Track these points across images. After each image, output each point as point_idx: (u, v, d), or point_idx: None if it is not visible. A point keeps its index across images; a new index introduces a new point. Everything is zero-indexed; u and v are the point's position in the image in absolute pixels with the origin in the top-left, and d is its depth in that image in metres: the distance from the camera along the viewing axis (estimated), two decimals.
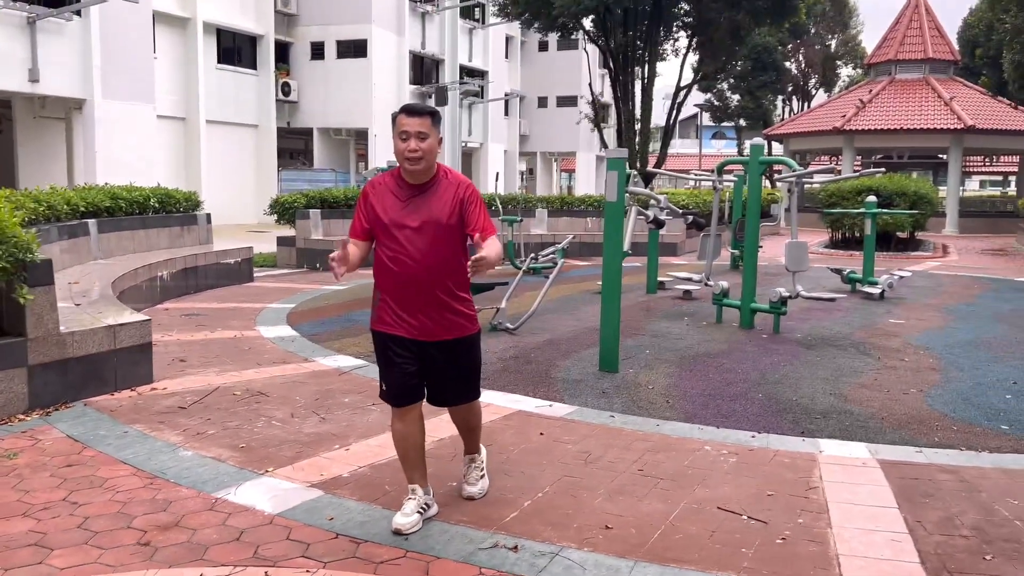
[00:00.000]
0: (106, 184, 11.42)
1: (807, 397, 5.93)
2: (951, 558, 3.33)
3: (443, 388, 3.63)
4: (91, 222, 9.59)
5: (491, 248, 3.35)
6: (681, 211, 11.86)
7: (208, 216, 12.48)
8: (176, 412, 5.20)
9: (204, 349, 7.19)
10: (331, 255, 3.34)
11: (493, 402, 5.61)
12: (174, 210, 11.79)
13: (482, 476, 3.89)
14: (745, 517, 3.70)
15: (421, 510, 3.55)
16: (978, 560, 3.31)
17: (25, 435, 4.70)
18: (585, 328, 8.54)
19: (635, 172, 9.15)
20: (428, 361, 3.52)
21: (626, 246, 7.13)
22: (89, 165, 18.78)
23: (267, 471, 4.18)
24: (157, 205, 11.34)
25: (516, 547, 3.35)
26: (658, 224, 9.85)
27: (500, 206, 15.85)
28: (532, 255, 10.79)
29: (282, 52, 29.42)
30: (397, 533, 3.42)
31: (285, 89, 28.79)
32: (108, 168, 18.06)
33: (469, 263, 3.24)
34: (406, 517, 3.48)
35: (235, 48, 27.28)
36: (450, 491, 3.92)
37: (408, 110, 3.43)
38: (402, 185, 3.49)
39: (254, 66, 27.76)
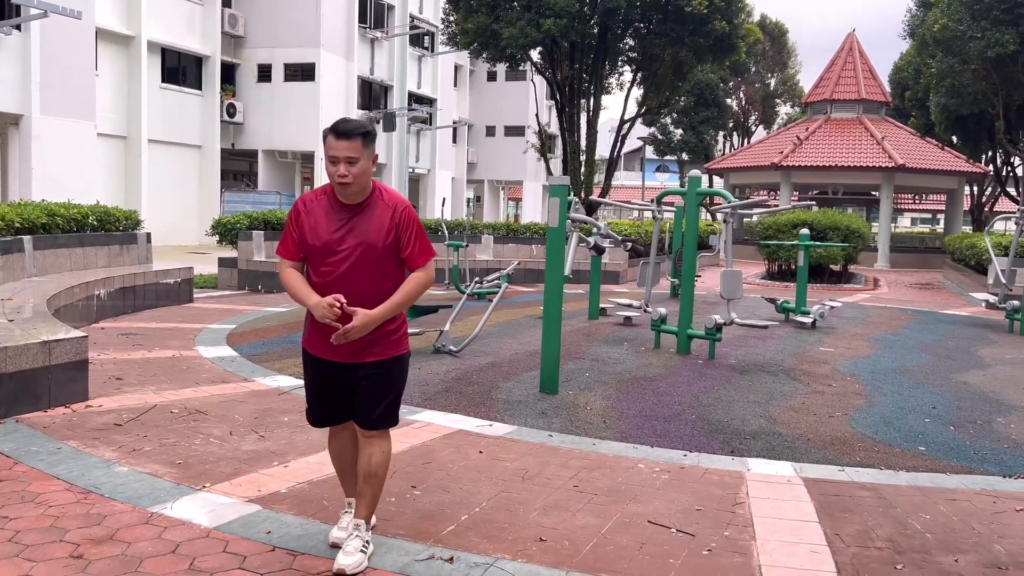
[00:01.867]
0: (43, 200, 11.22)
1: (738, 419, 6.14)
2: (866, 568, 3.50)
3: (358, 405, 3.41)
4: (26, 238, 9.41)
5: (394, 297, 3.26)
6: (621, 238, 12.12)
7: (148, 235, 12.32)
8: (112, 429, 5.15)
9: (141, 368, 7.11)
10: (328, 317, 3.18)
11: (434, 421, 5.69)
12: (113, 229, 11.62)
13: (362, 551, 3.34)
14: (674, 530, 3.84)
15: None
16: (890, 570, 3.50)
17: None
18: (527, 351, 8.67)
19: (577, 200, 9.36)
20: (350, 381, 3.38)
21: (567, 271, 7.30)
22: (24, 182, 18.37)
23: (204, 487, 4.18)
24: (96, 223, 11.17)
25: (452, 559, 3.43)
26: (599, 250, 10.08)
27: (446, 231, 15.95)
28: (477, 279, 10.90)
29: (228, 73, 29.22)
30: (334, 546, 3.45)
31: (230, 110, 28.56)
32: (44, 185, 17.70)
33: (334, 335, 3.16)
34: (342, 530, 3.52)
35: (180, 68, 27.03)
36: (387, 505, 3.97)
37: (337, 131, 3.22)
38: (335, 205, 3.32)
39: (199, 86, 27.52)
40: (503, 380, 7.25)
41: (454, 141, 41.63)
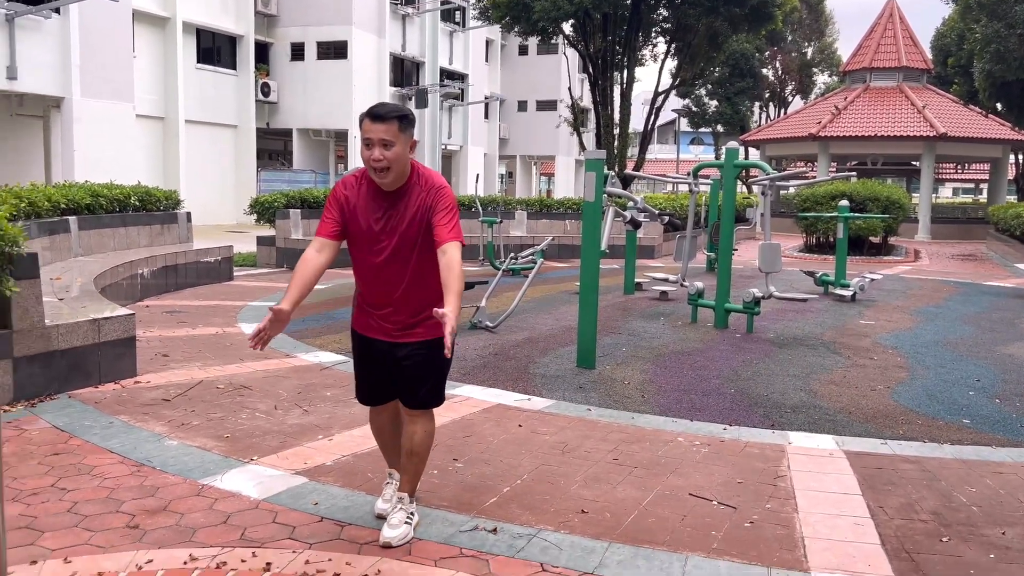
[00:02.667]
0: (86, 182, 11.42)
1: (778, 392, 6.11)
2: (910, 540, 3.49)
3: (404, 385, 3.42)
4: (72, 219, 9.60)
5: (453, 298, 3.00)
6: (658, 212, 12.05)
7: (188, 215, 12.50)
8: (160, 404, 5.28)
9: (187, 345, 7.25)
10: (255, 331, 3.00)
11: (472, 396, 5.74)
12: (154, 208, 11.81)
13: (407, 522, 3.38)
14: (715, 503, 3.85)
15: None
16: (935, 542, 3.48)
17: (11, 425, 4.76)
18: (563, 327, 8.68)
19: (613, 173, 9.30)
20: (397, 361, 3.37)
21: (604, 245, 7.29)
22: (67, 164, 18.69)
23: (252, 459, 4.28)
24: (138, 203, 11.35)
25: (495, 529, 3.48)
26: (635, 224, 10.03)
27: (480, 207, 15.96)
28: (512, 255, 10.92)
29: (262, 53, 29.37)
30: (379, 518, 3.52)
31: (265, 90, 28.74)
32: (86, 167, 17.99)
33: (446, 331, 2.86)
34: (386, 502, 3.57)
35: (215, 48, 27.22)
36: (430, 477, 4.04)
37: (373, 114, 3.13)
38: (376, 193, 3.26)
39: (234, 66, 27.70)
40: (540, 355, 7.29)
41: (486, 117, 41.48)
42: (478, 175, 19.79)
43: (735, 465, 4.40)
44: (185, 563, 3.10)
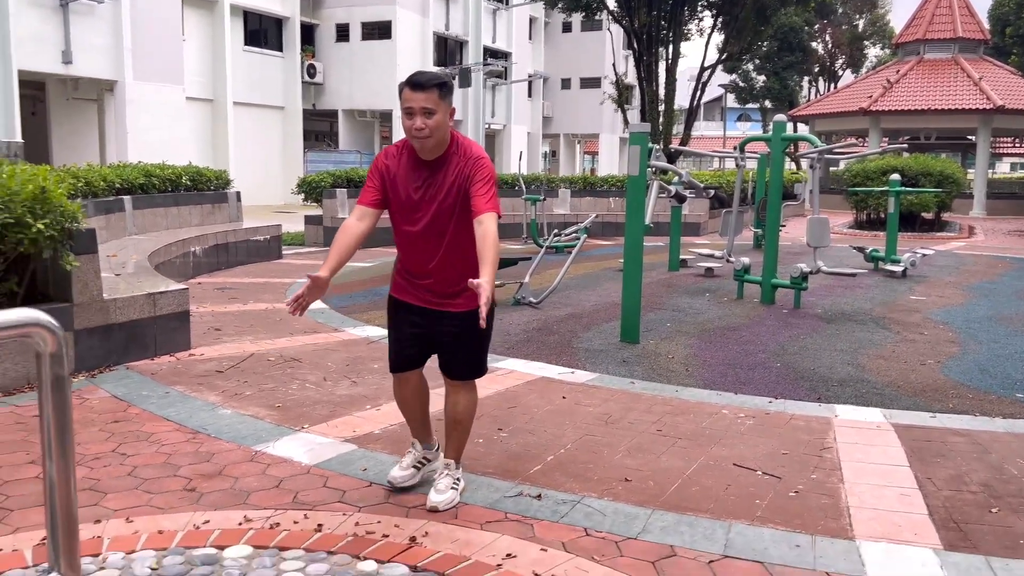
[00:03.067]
0: (139, 162, 11.69)
1: (825, 367, 6.06)
2: (958, 511, 3.46)
3: (445, 358, 3.48)
4: (126, 198, 9.86)
5: (488, 267, 3.02)
6: (703, 186, 11.93)
7: (238, 194, 12.73)
8: (214, 375, 5.43)
9: (238, 320, 7.43)
10: (294, 297, 3.05)
11: (517, 369, 5.79)
12: (205, 188, 12.05)
13: (453, 488, 3.46)
14: (760, 473, 3.86)
15: (418, 465, 3.61)
16: (984, 512, 3.45)
17: (73, 394, 4.92)
18: (607, 303, 8.69)
19: (658, 146, 9.24)
20: (435, 330, 3.41)
21: (648, 219, 7.25)
22: (120, 145, 19.14)
23: (303, 428, 4.39)
24: (189, 183, 11.59)
25: (540, 496, 3.53)
26: (680, 199, 9.96)
27: (523, 185, 15.96)
28: (555, 232, 10.92)
29: (307, 34, 29.62)
30: (391, 483, 3.54)
31: (311, 71, 29.00)
32: (139, 148, 18.40)
33: (481, 300, 2.88)
34: (402, 470, 3.58)
35: (261, 30, 27.52)
36: (476, 446, 4.10)
37: (413, 83, 3.15)
38: (416, 162, 3.30)
39: (280, 48, 27.99)
40: (583, 330, 7.31)
41: (529, 95, 41.34)
42: (521, 152, 19.77)
43: (780, 437, 4.38)
44: (240, 524, 3.21)
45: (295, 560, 2.88)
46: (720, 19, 25.16)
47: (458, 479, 3.52)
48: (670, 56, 24.01)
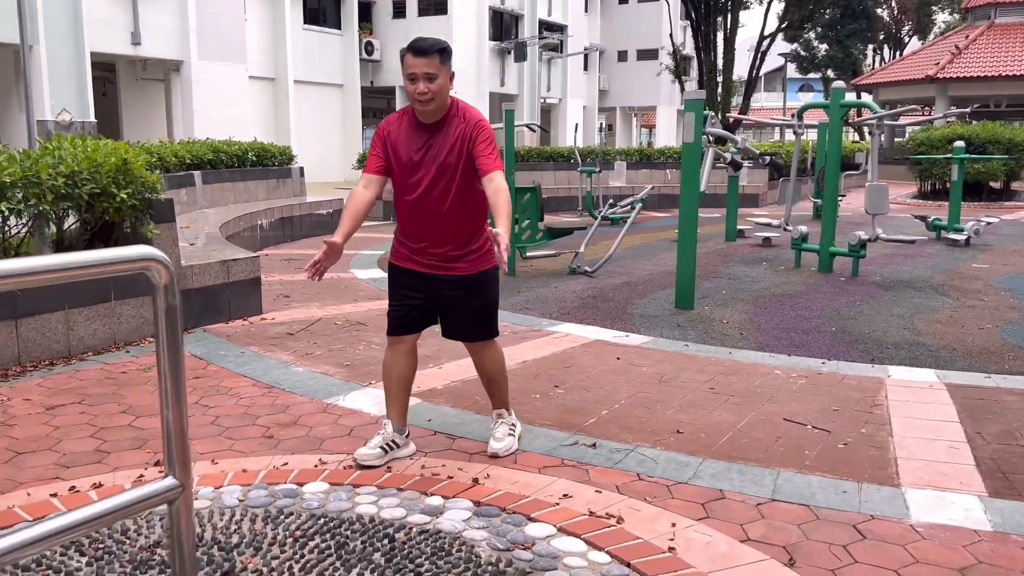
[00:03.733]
0: (207, 139, 12.11)
1: (880, 331, 6.09)
2: (1006, 462, 3.53)
3: (455, 323, 3.55)
4: (196, 173, 10.26)
5: (503, 219, 3.15)
6: (759, 153, 11.87)
7: (301, 170, 13.10)
8: (285, 337, 5.72)
9: (304, 288, 7.74)
10: (311, 263, 3.26)
11: (572, 332, 5.96)
12: (270, 164, 12.43)
13: (510, 434, 3.63)
14: (809, 427, 3.97)
15: (386, 447, 3.49)
16: None
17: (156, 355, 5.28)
18: (662, 272, 8.78)
19: (713, 113, 9.24)
20: (438, 296, 3.47)
21: (703, 186, 7.32)
22: (187, 123, 19.72)
23: (370, 383, 4.64)
24: (254, 159, 11.98)
25: (594, 445, 3.71)
26: (736, 166, 9.96)
27: (579, 157, 16.02)
28: (610, 202, 11.01)
29: (365, 11, 29.90)
30: (355, 460, 3.44)
31: (368, 48, 29.32)
32: (205, 127, 18.92)
33: (501, 248, 3.01)
34: (368, 449, 3.48)
35: (320, 8, 27.88)
36: (533, 401, 4.29)
37: (414, 49, 3.27)
38: (417, 126, 3.39)
39: (338, 26, 28.34)
40: (638, 297, 7.43)
41: (585, 69, 41.05)
42: (576, 124, 19.75)
43: (831, 395, 4.48)
44: (316, 465, 3.46)
45: (368, 495, 3.12)
46: None
47: (513, 424, 3.70)
48: (728, 25, 23.66)
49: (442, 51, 3.29)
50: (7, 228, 5.08)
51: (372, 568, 2.51)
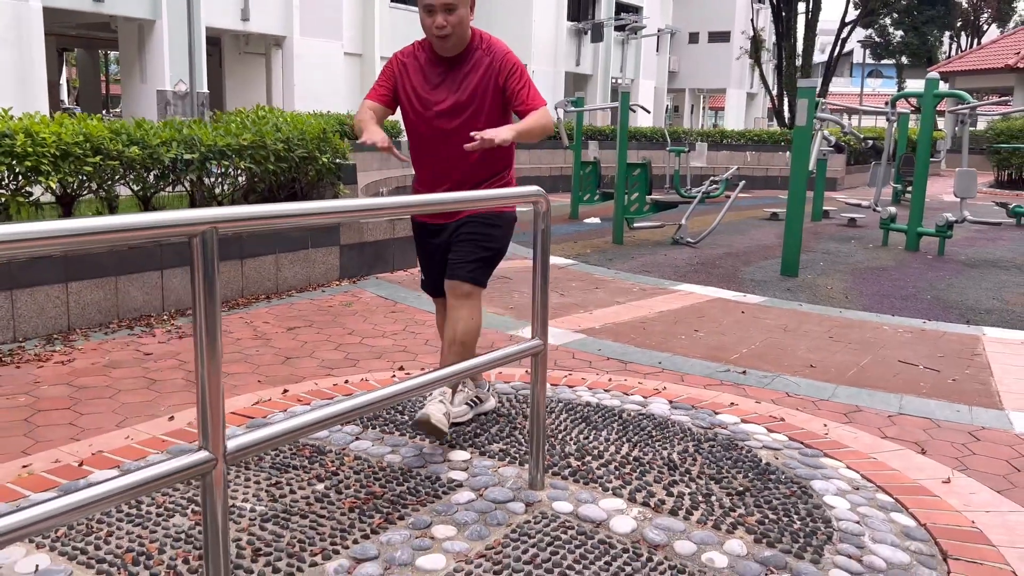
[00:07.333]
0: (322, 111, 13.12)
1: (972, 299, 6.79)
2: None
3: (453, 255, 3.21)
4: None
5: (521, 124, 3.00)
6: (862, 137, 12.48)
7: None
8: None
9: None
10: (388, 145, 2.97)
11: (693, 291, 6.78)
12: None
13: (468, 404, 3.42)
14: (921, 367, 4.75)
15: (471, 403, 3.47)
16: None
17: (348, 294, 6.27)
18: (758, 245, 9.53)
19: (823, 101, 9.92)
20: (452, 240, 3.23)
21: (811, 167, 8.04)
22: (288, 96, 20.88)
23: None
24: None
25: (744, 372, 4.55)
26: (839, 149, 10.66)
27: (668, 138, 16.72)
28: (712, 179, 11.65)
29: None
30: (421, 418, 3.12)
31: None
32: (304, 99, 20.06)
33: (477, 138, 2.85)
34: (455, 406, 3.36)
35: None
36: (680, 340, 5.14)
37: None
38: (433, 59, 3.12)
39: None
40: (744, 265, 8.21)
41: (657, 50, 41.37)
42: (641, 107, 20.29)
43: (936, 346, 5.24)
44: (520, 378, 4.37)
45: (584, 392, 4.01)
46: None
47: (476, 399, 3.44)
48: (810, 10, 23.96)
49: None
50: (236, 184, 6.09)
51: (615, 431, 3.41)
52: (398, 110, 3.30)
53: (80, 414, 3.63)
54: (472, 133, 2.90)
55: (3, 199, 4.70)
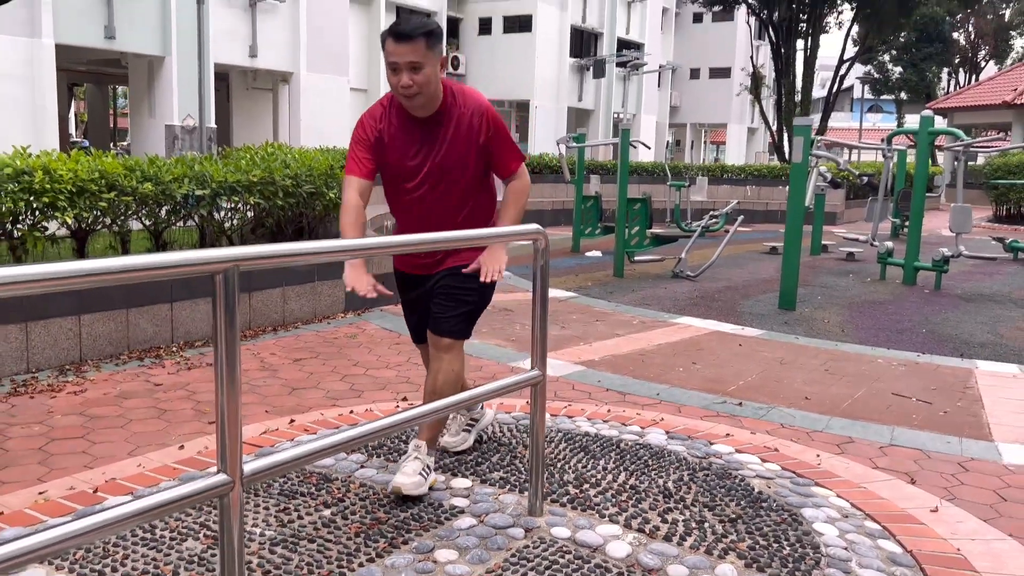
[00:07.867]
0: (327, 146, 13.35)
1: (966, 333, 6.90)
2: None
3: (436, 306, 3.15)
4: None
5: (509, 217, 3.09)
6: (858, 173, 12.67)
7: None
8: None
9: None
10: (369, 289, 2.92)
11: (692, 324, 6.90)
12: None
13: (421, 474, 3.05)
14: (914, 399, 4.85)
15: (467, 428, 3.61)
16: None
17: (353, 326, 6.40)
18: (757, 279, 9.66)
19: (820, 138, 10.13)
20: (431, 291, 3.18)
21: (808, 202, 8.20)
22: (294, 130, 21.24)
23: None
24: None
25: (740, 403, 4.66)
26: (835, 185, 10.81)
27: (668, 172, 16.93)
28: (711, 213, 11.84)
29: (452, 28, 31.32)
30: (442, 448, 3.45)
31: (454, 63, 30.69)
32: (310, 133, 20.40)
33: (479, 270, 2.96)
34: (451, 436, 3.53)
35: None
36: (677, 372, 5.25)
37: (396, 33, 2.79)
38: (409, 122, 2.98)
39: None
40: (742, 299, 8.34)
41: (658, 85, 41.94)
42: (642, 144, 20.53)
43: (929, 378, 5.35)
44: (521, 408, 4.47)
45: (583, 421, 4.11)
46: (860, 12, 25.25)
47: (428, 467, 3.10)
48: (808, 48, 24.36)
49: (429, 34, 2.81)
50: (245, 219, 6.25)
51: (613, 460, 3.51)
52: None
53: (93, 443, 3.75)
54: (471, 268, 2.99)
55: (20, 234, 4.85)
